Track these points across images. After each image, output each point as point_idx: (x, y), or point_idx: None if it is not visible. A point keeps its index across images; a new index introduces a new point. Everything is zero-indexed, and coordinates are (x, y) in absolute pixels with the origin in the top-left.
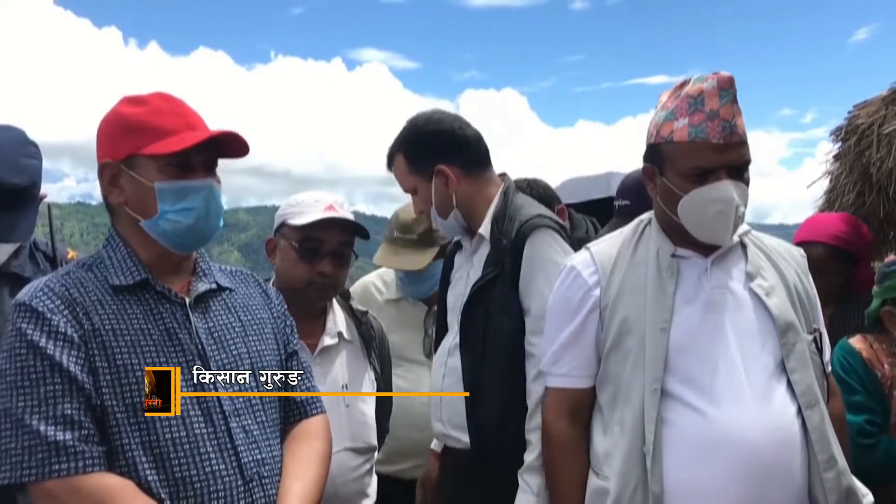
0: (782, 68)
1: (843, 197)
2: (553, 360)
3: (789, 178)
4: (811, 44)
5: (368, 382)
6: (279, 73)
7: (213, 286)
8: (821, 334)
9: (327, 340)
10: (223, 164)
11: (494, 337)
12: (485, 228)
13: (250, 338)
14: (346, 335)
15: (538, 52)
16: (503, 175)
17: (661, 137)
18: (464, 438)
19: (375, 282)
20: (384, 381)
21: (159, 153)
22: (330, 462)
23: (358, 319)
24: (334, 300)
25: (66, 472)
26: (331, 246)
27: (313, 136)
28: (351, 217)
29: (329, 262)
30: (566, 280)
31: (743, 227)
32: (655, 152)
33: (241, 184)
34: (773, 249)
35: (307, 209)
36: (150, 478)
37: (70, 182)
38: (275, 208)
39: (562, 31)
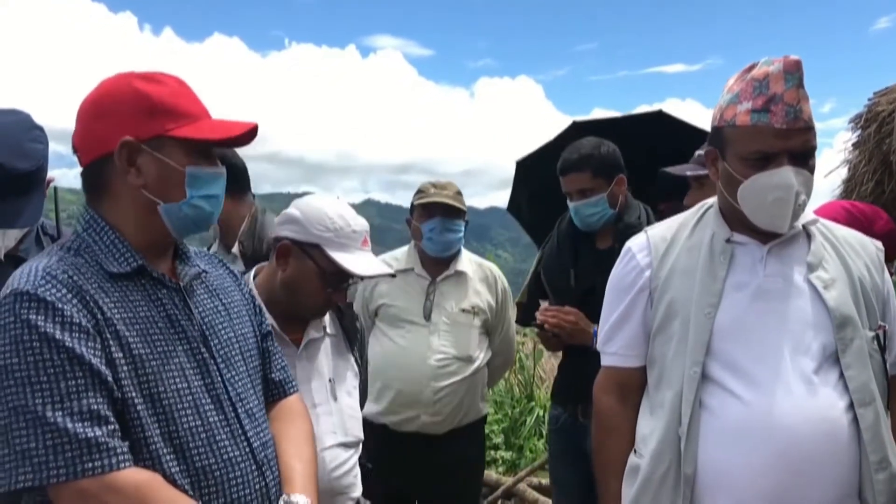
0: (801, 57)
1: (862, 186)
2: (605, 339)
3: None
4: (831, 33)
5: (352, 375)
6: (293, 59)
7: (200, 269)
8: (886, 332)
9: (312, 333)
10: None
11: None
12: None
13: (234, 321)
14: (328, 329)
15: (553, 40)
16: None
17: (724, 120)
18: None
19: (386, 257)
20: (364, 371)
21: (196, 138)
22: (315, 441)
23: (341, 312)
24: None
25: (100, 470)
26: (354, 282)
27: (327, 123)
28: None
29: (346, 293)
30: (621, 262)
31: (810, 216)
32: (718, 135)
33: (255, 171)
34: (842, 240)
35: (346, 241)
36: (172, 469)
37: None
38: (289, 195)
39: (577, 18)
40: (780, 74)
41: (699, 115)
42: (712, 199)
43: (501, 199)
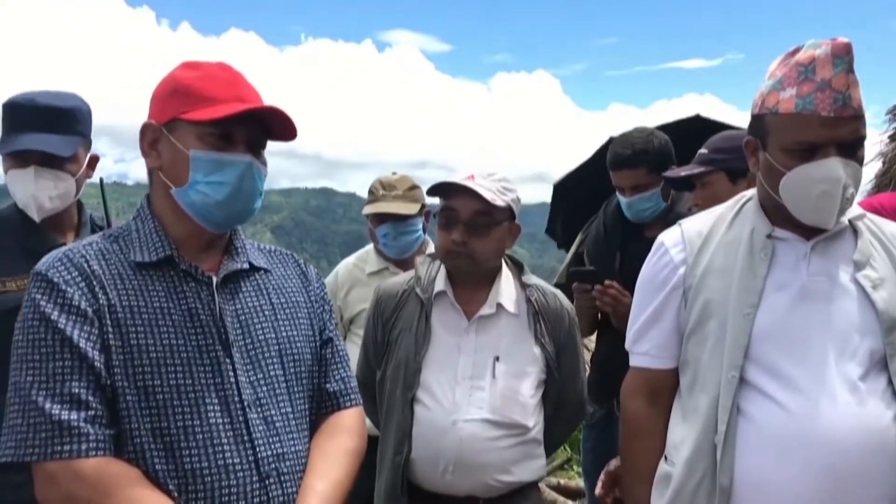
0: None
1: None
2: (635, 339)
3: None
4: (858, 26)
5: (530, 361)
6: (310, 54)
7: (245, 266)
8: None
9: (485, 310)
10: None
11: None
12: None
13: (281, 322)
14: (507, 307)
15: (571, 35)
16: None
17: (765, 108)
18: None
19: (353, 261)
20: (557, 360)
21: (199, 119)
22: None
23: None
24: (507, 272)
25: (67, 455)
26: (464, 216)
27: (344, 118)
28: (488, 190)
29: (462, 230)
30: (654, 257)
31: (856, 211)
32: (759, 124)
33: (273, 166)
34: (891, 237)
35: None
36: (158, 467)
37: (107, 162)
38: (307, 190)
39: (595, 13)
40: (828, 58)
41: (718, 111)
42: (751, 192)
43: (520, 194)
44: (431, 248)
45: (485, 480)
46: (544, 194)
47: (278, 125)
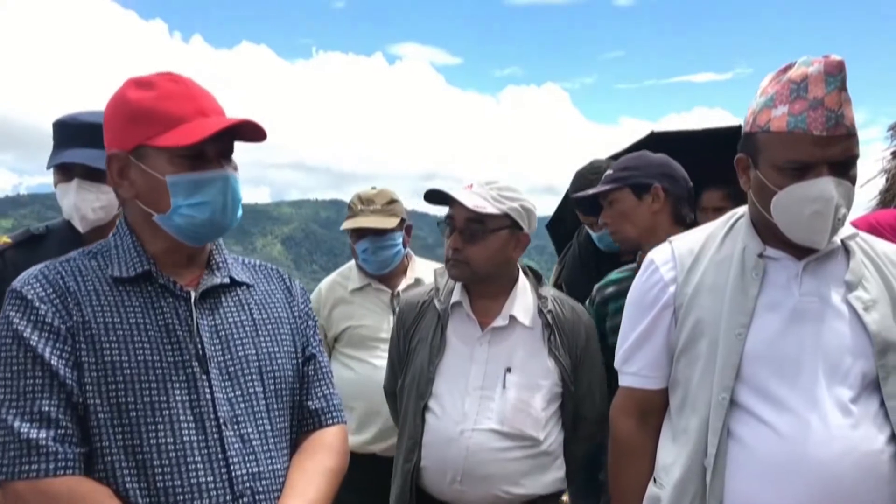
0: None
1: None
2: (624, 358)
3: None
4: (863, 41)
5: (544, 372)
6: (320, 67)
7: (226, 280)
8: None
9: (498, 322)
10: (267, 159)
11: None
12: None
13: (262, 338)
14: (521, 319)
15: (580, 48)
16: None
17: (757, 126)
18: None
19: (336, 278)
20: (573, 374)
21: (170, 146)
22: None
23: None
24: (525, 283)
25: (35, 474)
26: (459, 223)
27: (354, 130)
28: (480, 197)
29: (458, 238)
30: (643, 274)
31: (849, 230)
32: (750, 142)
33: (284, 178)
34: (885, 257)
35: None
36: (129, 485)
37: None
38: (317, 202)
39: (604, 26)
40: (821, 76)
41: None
42: (742, 209)
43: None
44: (416, 263)
45: (493, 491)
46: (554, 207)
47: (248, 129)
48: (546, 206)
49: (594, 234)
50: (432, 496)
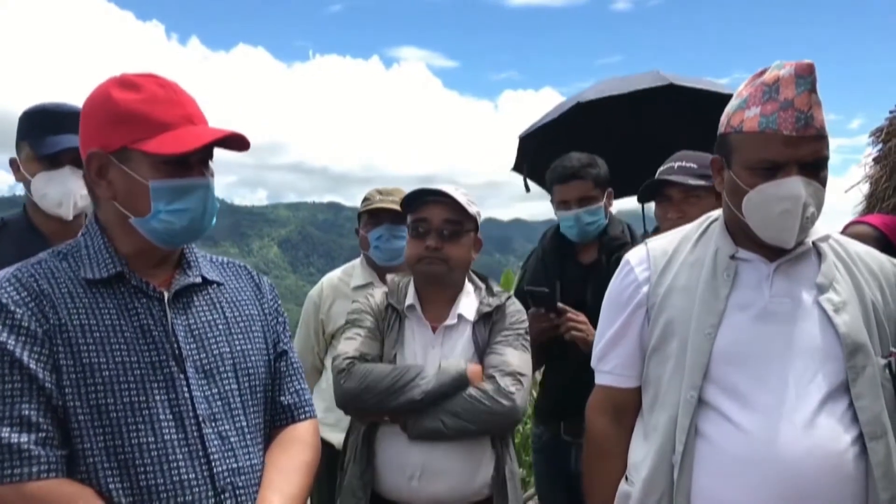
0: (828, 73)
1: (883, 202)
2: (600, 357)
3: (833, 185)
4: (858, 47)
5: (471, 357)
6: (318, 70)
7: (198, 280)
8: None
9: (448, 321)
10: (264, 162)
11: None
12: None
13: (235, 336)
14: (467, 317)
15: (577, 53)
16: None
17: (730, 127)
18: None
19: (339, 274)
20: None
21: (158, 153)
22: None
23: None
24: (470, 285)
25: (18, 478)
26: (436, 223)
27: (351, 133)
28: (463, 195)
29: (436, 237)
30: (619, 275)
31: (821, 232)
32: (724, 143)
33: (281, 180)
34: (857, 259)
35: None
36: (112, 486)
37: None
38: (314, 204)
39: (601, 31)
40: (792, 78)
41: None
42: (717, 212)
43: (524, 210)
44: None
45: (448, 487)
46: (551, 211)
47: (232, 138)
48: (543, 211)
49: (570, 213)
50: (388, 499)
